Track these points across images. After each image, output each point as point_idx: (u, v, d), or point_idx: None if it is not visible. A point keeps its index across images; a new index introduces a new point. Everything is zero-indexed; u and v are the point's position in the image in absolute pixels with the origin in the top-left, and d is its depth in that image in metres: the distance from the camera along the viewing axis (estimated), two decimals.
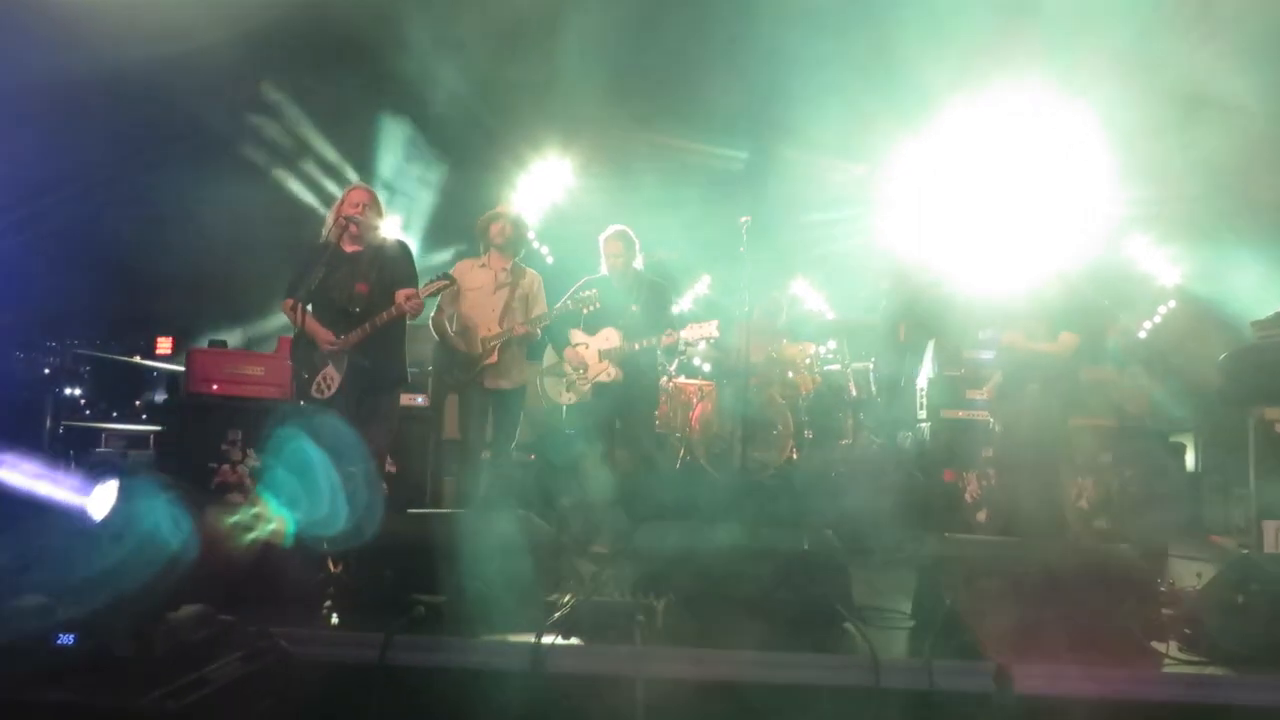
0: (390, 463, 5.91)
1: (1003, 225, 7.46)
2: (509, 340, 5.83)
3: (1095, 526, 6.19)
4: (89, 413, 10.28)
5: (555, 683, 3.21)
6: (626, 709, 3.03)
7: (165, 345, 10.56)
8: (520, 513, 4.41)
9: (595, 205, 9.37)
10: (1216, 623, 3.69)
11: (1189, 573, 4.70)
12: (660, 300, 6.28)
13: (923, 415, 7.26)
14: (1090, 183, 7.85)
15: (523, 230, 6.23)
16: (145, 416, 10.41)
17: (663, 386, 7.72)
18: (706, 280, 12.83)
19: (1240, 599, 3.68)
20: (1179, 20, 6.37)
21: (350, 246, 5.29)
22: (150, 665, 2.63)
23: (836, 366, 8.50)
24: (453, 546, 3.73)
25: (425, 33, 7.32)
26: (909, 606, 4.08)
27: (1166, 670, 3.44)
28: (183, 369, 7.12)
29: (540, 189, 10.00)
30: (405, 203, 9.56)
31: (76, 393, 10.30)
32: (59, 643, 2.68)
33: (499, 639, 3.42)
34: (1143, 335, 11.32)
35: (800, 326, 9.17)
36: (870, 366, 8.37)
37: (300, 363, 5.22)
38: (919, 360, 7.56)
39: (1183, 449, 7.93)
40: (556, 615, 3.49)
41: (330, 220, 5.31)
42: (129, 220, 9.19)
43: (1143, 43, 6.42)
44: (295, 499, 4.10)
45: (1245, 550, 5.74)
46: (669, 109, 8.93)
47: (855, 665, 3.29)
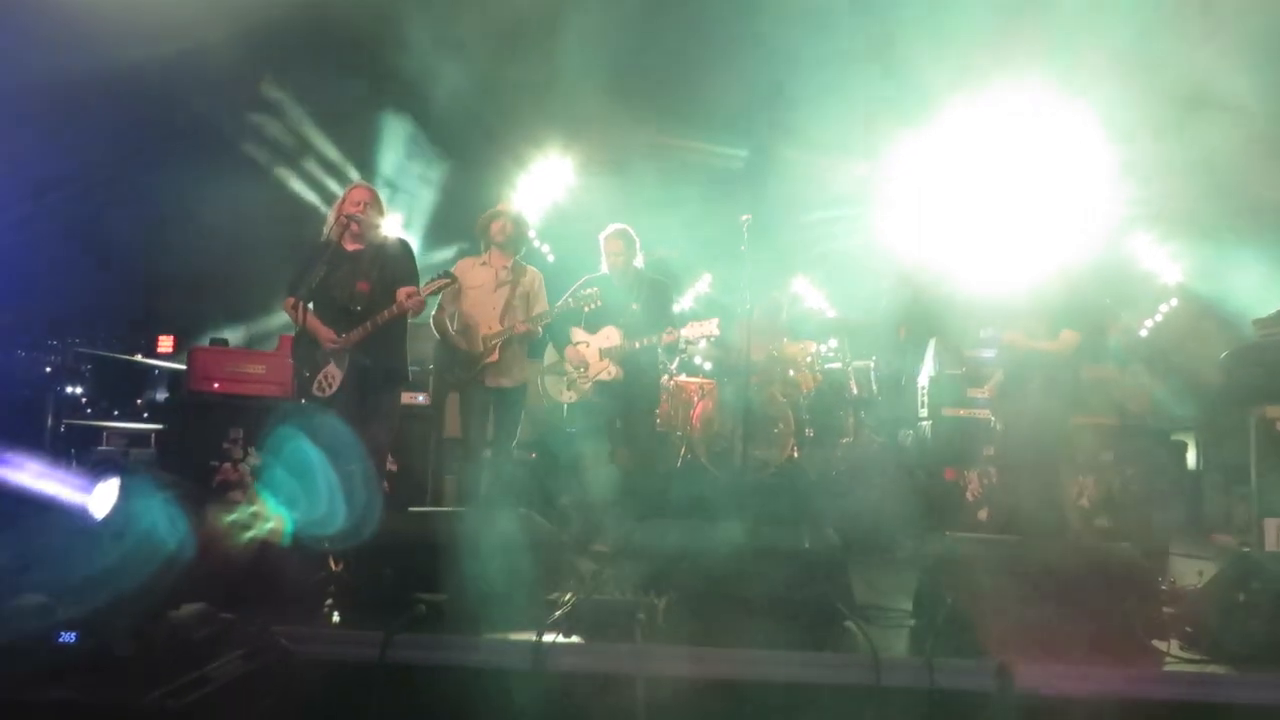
0: (391, 461, 5.91)
1: (1004, 223, 7.45)
2: (510, 338, 5.82)
3: (1096, 525, 6.19)
4: (90, 411, 10.29)
5: (556, 681, 3.21)
6: (627, 707, 3.04)
7: (166, 343, 10.57)
8: (521, 511, 4.42)
9: (596, 204, 9.37)
10: (1218, 621, 3.69)
11: (1190, 571, 4.71)
12: (661, 298, 6.27)
13: (924, 413, 7.26)
14: (1091, 181, 7.84)
15: (523, 228, 6.22)
16: (146, 415, 10.43)
17: (664, 385, 7.72)
18: (707, 278, 12.84)
19: (1241, 597, 3.68)
20: (1179, 19, 6.36)
21: (351, 245, 5.29)
22: (151, 664, 2.63)
23: (837, 365, 8.50)
24: (453, 545, 3.73)
25: (426, 31, 7.32)
26: (910, 605, 4.08)
27: (1168, 669, 3.44)
28: (184, 367, 7.13)
29: (541, 187, 10.01)
30: (406, 201, 9.56)
31: (78, 391, 10.31)
32: (60, 641, 2.68)
33: (500, 637, 3.42)
34: (1144, 333, 11.32)
35: (801, 325, 9.18)
36: (871, 365, 8.37)
37: (301, 361, 5.22)
38: (920, 358, 7.56)
39: (1184, 447, 7.93)
40: (557, 614, 3.50)
41: (331, 218, 5.31)
42: (130, 219, 9.19)
43: (1143, 41, 6.41)
44: (293, 498, 4.10)
45: (1246, 548, 5.74)
46: (669, 107, 8.92)
47: (856, 663, 3.29)
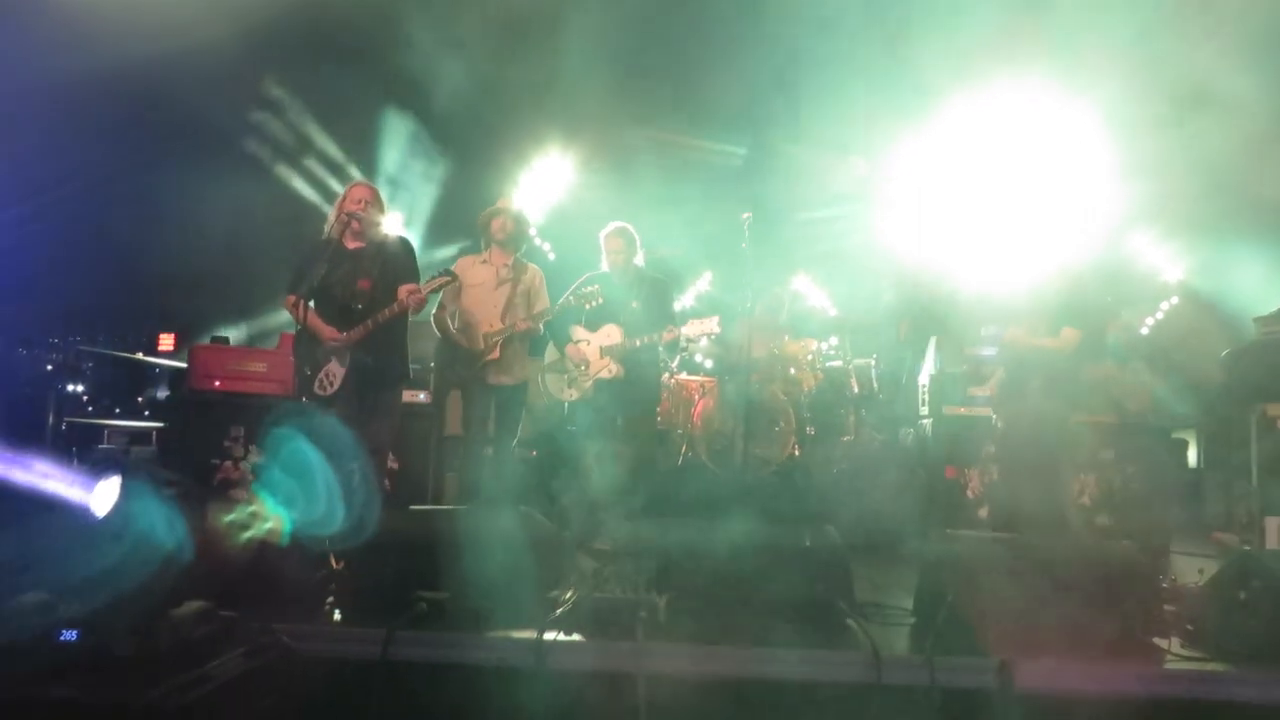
0: (392, 459, 5.91)
1: (1005, 221, 7.44)
2: (511, 336, 5.82)
3: (1097, 523, 6.18)
4: (91, 409, 10.30)
5: (557, 679, 3.20)
6: (629, 705, 3.04)
7: (167, 341, 10.58)
8: (522, 509, 4.42)
9: (597, 202, 9.37)
10: (1218, 619, 3.69)
11: (1191, 569, 4.70)
12: (661, 297, 6.27)
13: (925, 411, 7.26)
14: (1092, 179, 7.83)
15: (524, 226, 6.21)
16: (148, 413, 10.43)
17: (665, 383, 7.72)
18: (708, 277, 12.86)
19: (1242, 595, 3.68)
20: (1180, 17, 6.35)
21: (352, 243, 5.29)
22: (152, 662, 2.63)
23: (838, 363, 8.50)
24: (455, 543, 3.73)
25: (427, 29, 7.32)
26: (911, 603, 4.08)
27: (1168, 667, 3.44)
28: (185, 365, 7.12)
29: (542, 185, 10.00)
30: (407, 199, 9.56)
31: (79, 389, 10.31)
32: (61, 639, 2.69)
33: (501, 635, 3.42)
34: (1145, 331, 11.30)
35: (802, 323, 9.18)
36: (872, 363, 8.37)
37: (303, 359, 5.22)
38: (921, 356, 7.55)
39: (1185, 446, 7.94)
40: (558, 611, 3.50)
41: (332, 217, 5.30)
42: (131, 217, 9.19)
43: (1144, 39, 6.40)
44: (292, 498, 4.10)
45: (1247, 547, 5.74)
46: (670, 105, 8.93)
47: (857, 661, 3.29)
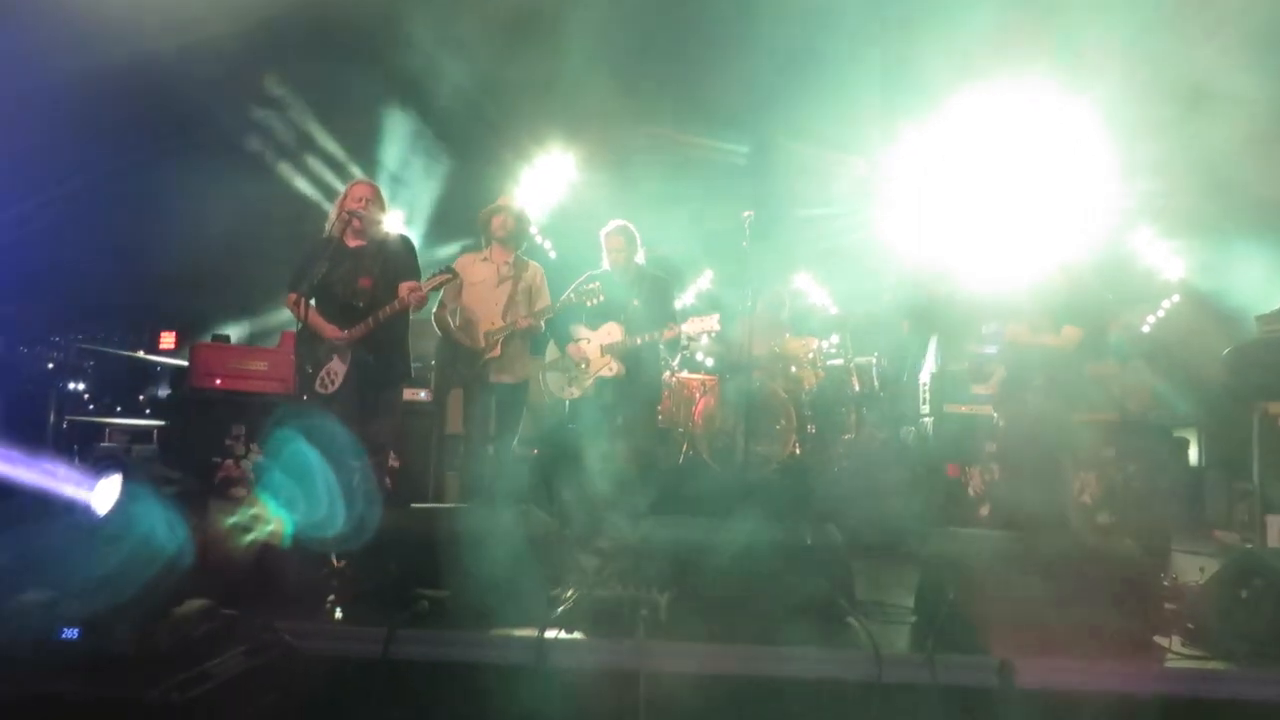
0: (393, 457, 5.91)
1: (1006, 219, 7.44)
2: (512, 334, 5.82)
3: (1098, 521, 6.17)
4: (93, 407, 10.30)
5: (558, 677, 3.21)
6: (629, 703, 3.04)
7: (169, 340, 10.56)
8: (523, 507, 4.42)
9: (598, 200, 9.36)
10: (1219, 618, 3.69)
11: (1192, 567, 4.70)
12: (662, 295, 6.28)
13: (926, 410, 7.26)
14: (1094, 177, 7.83)
15: (525, 224, 6.21)
16: (149, 411, 10.44)
17: (665, 381, 7.72)
18: (709, 275, 12.85)
19: (1243, 594, 3.67)
20: (1181, 15, 6.35)
21: (353, 241, 5.29)
22: (154, 660, 2.63)
23: (839, 361, 8.50)
24: (456, 541, 3.74)
25: (428, 27, 7.32)
26: (911, 601, 4.07)
27: (1169, 665, 3.43)
28: (186, 364, 7.13)
29: (543, 183, 10.00)
30: (408, 197, 9.56)
31: (80, 387, 10.32)
32: (63, 637, 2.69)
33: (502, 633, 3.43)
34: (1146, 329, 11.29)
35: (803, 321, 9.18)
36: (874, 361, 8.37)
37: (304, 358, 5.22)
38: (922, 354, 7.55)
39: (1186, 444, 7.93)
40: (559, 610, 3.50)
41: (333, 215, 5.30)
42: (132, 215, 9.19)
43: (1146, 37, 6.40)
44: (293, 500, 4.10)
45: (1248, 545, 5.74)
46: (671, 103, 8.92)
47: (857, 659, 3.29)
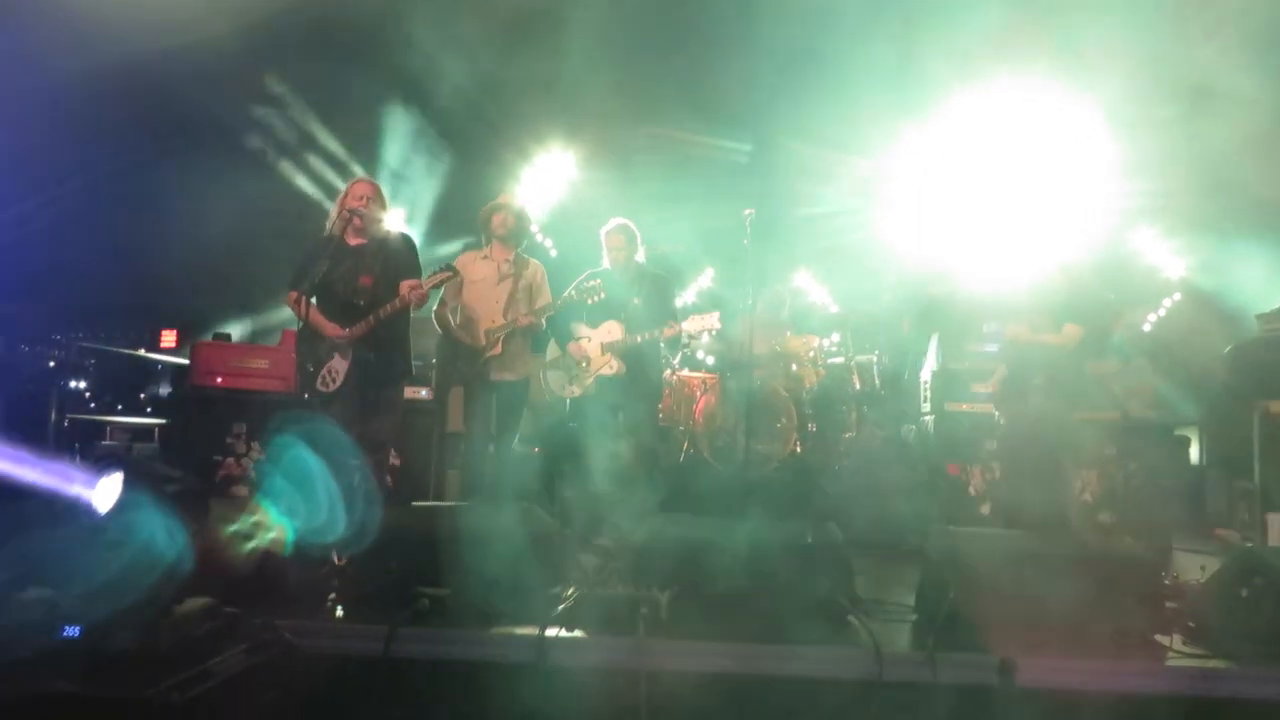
0: (394, 456, 5.91)
1: (1007, 218, 7.44)
2: (513, 332, 5.82)
3: (1099, 520, 6.18)
4: (94, 406, 10.31)
5: (559, 675, 3.21)
6: (630, 701, 3.04)
7: (169, 338, 10.56)
8: (524, 505, 4.42)
9: (599, 198, 9.36)
10: (1220, 616, 3.69)
11: (1193, 566, 4.69)
12: (662, 293, 6.28)
13: (927, 408, 7.26)
14: (1095, 175, 7.83)
15: (525, 221, 6.20)
16: (150, 410, 10.44)
17: (666, 379, 7.72)
18: (710, 273, 12.85)
19: (1244, 592, 3.67)
20: (1182, 14, 6.34)
21: (354, 239, 5.28)
22: (155, 658, 2.63)
23: (840, 359, 8.50)
24: (457, 539, 3.74)
25: (430, 25, 7.31)
26: (912, 599, 4.08)
27: (1170, 664, 3.43)
28: (187, 362, 7.13)
29: (544, 182, 9.99)
30: (409, 195, 9.55)
31: (81, 386, 10.32)
32: (64, 635, 2.69)
33: (503, 631, 3.43)
34: (1147, 328, 11.28)
35: (804, 319, 9.19)
36: (874, 359, 8.37)
37: (305, 356, 5.21)
38: (923, 353, 7.55)
39: (1187, 442, 7.91)
40: (560, 608, 3.51)
41: (334, 213, 5.29)
42: (133, 213, 9.19)
43: (1147, 36, 6.39)
44: (294, 507, 4.09)
45: (1249, 544, 5.73)
46: (672, 102, 8.91)
47: (858, 658, 3.29)
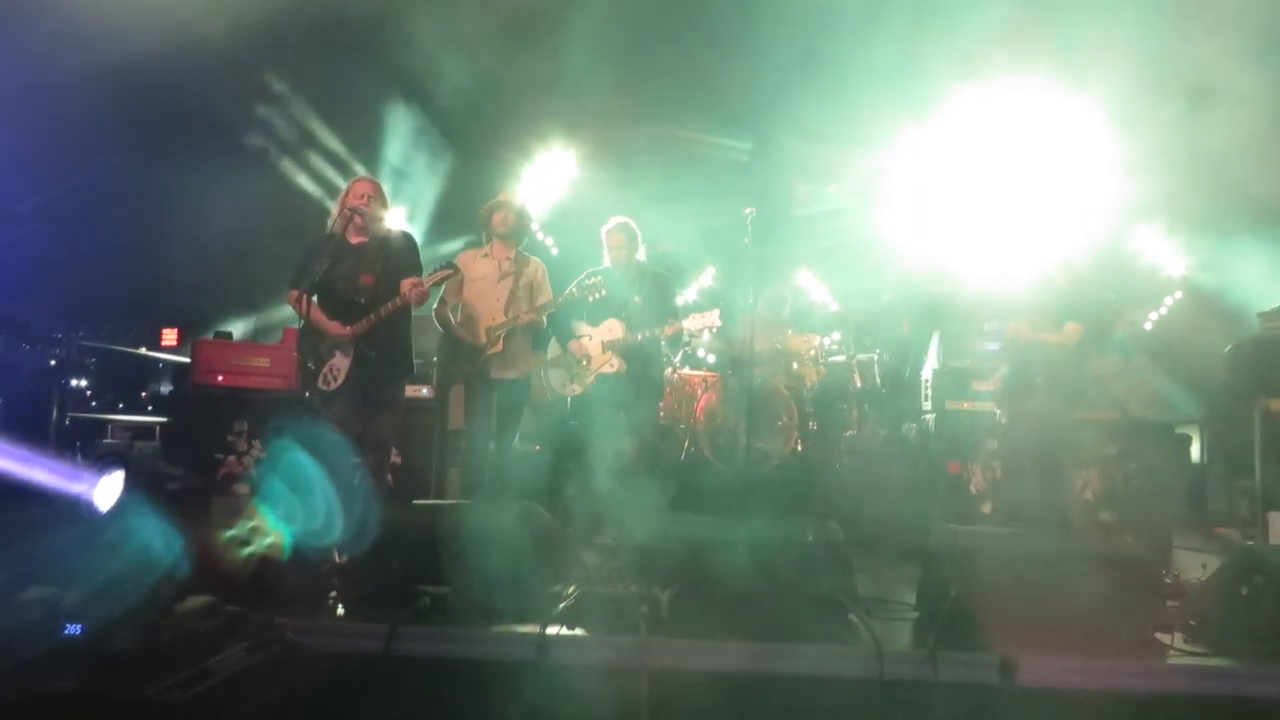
0: (395, 454, 5.91)
1: (1008, 216, 7.44)
2: (514, 330, 5.82)
3: (1100, 519, 6.18)
4: (95, 404, 10.30)
5: (560, 673, 3.21)
6: (631, 699, 3.04)
7: (170, 336, 10.55)
8: (525, 504, 4.42)
9: (600, 197, 9.35)
10: (1221, 615, 3.69)
11: (1194, 564, 4.70)
12: (663, 291, 6.28)
13: (928, 407, 7.26)
14: (1096, 174, 7.82)
15: (525, 219, 6.20)
16: (151, 408, 10.44)
17: (667, 378, 7.72)
18: (711, 272, 12.85)
19: (1245, 590, 3.68)
20: (1184, 12, 6.33)
21: (355, 238, 5.28)
22: (157, 656, 2.64)
23: (841, 358, 8.49)
24: (458, 537, 3.74)
25: (431, 23, 7.31)
26: (913, 598, 4.08)
27: (1171, 662, 3.44)
28: (188, 360, 7.13)
29: (545, 181, 9.98)
30: (411, 194, 9.55)
31: (82, 384, 10.31)
32: (66, 633, 2.69)
33: (504, 630, 3.43)
34: (1148, 327, 11.28)
35: (805, 317, 9.18)
36: (875, 357, 8.37)
37: (306, 354, 5.21)
38: (924, 351, 7.55)
39: (1188, 441, 7.91)
40: (561, 606, 3.51)
41: (335, 211, 5.29)
42: (134, 212, 9.19)
43: (1149, 33, 6.38)
44: (292, 512, 4.08)
45: (1250, 542, 5.74)
46: (673, 100, 8.90)
47: (859, 656, 3.29)
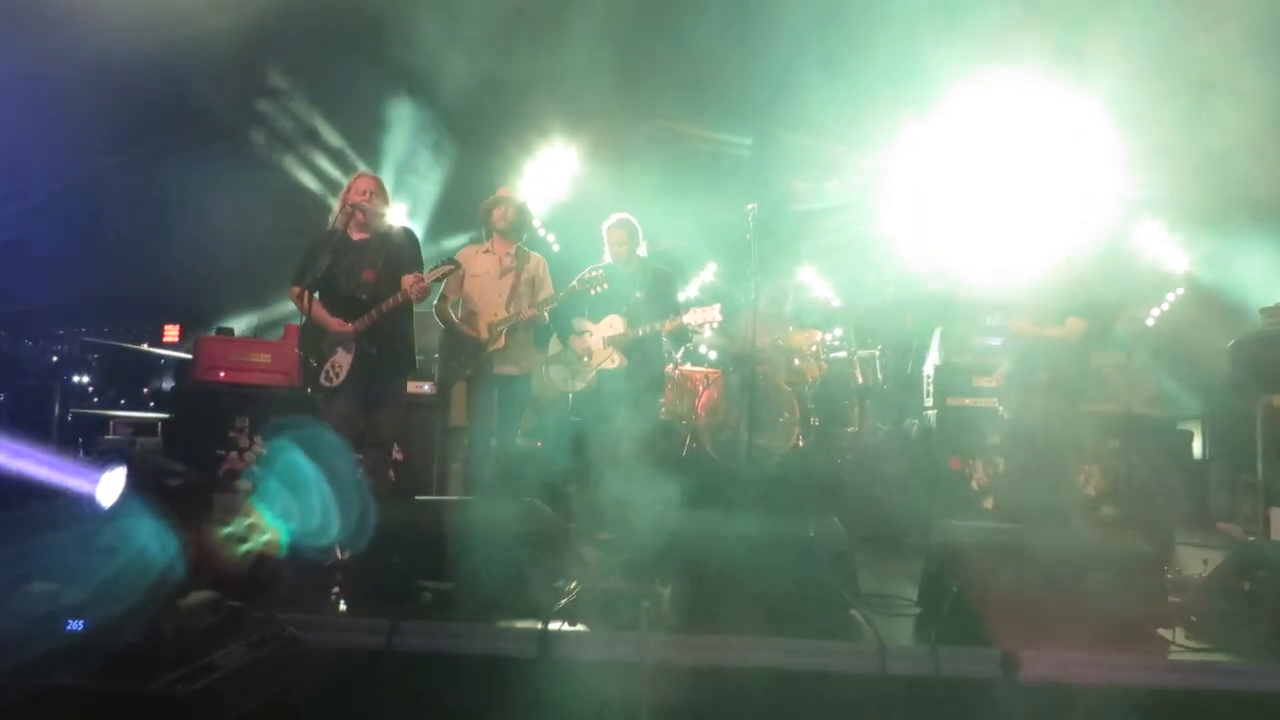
0: (397, 450, 5.92)
1: (1010, 212, 7.43)
2: (516, 325, 5.81)
3: (1102, 514, 6.18)
4: (97, 400, 10.33)
5: (561, 669, 3.22)
6: (632, 695, 3.04)
7: (172, 333, 10.57)
8: (526, 500, 4.43)
9: (602, 193, 9.35)
10: (1223, 610, 3.69)
11: (1196, 560, 4.70)
12: (664, 287, 6.27)
13: (929, 402, 7.25)
14: (1098, 170, 7.81)
15: (526, 215, 6.18)
16: (153, 404, 10.46)
17: (669, 374, 7.71)
18: (712, 268, 12.86)
19: (1246, 586, 3.68)
20: (1187, 6, 6.32)
21: (357, 234, 5.29)
22: (159, 651, 2.64)
23: (843, 354, 8.49)
24: (459, 533, 3.74)
25: (433, 20, 7.30)
26: (915, 593, 4.08)
27: (1172, 657, 3.44)
28: (190, 357, 7.14)
29: (547, 177, 9.98)
30: (412, 190, 9.55)
31: (85, 380, 10.34)
32: (68, 629, 2.70)
33: (505, 625, 3.43)
34: (1151, 322, 11.28)
35: (806, 314, 9.18)
36: (877, 354, 8.36)
37: (308, 350, 5.21)
38: (926, 347, 7.55)
39: (1190, 436, 7.92)
40: (562, 602, 3.51)
41: (337, 208, 5.31)
42: (136, 209, 9.20)
43: (1151, 29, 6.37)
44: (288, 510, 4.08)
45: (1252, 538, 5.73)
46: (675, 96, 8.89)
47: (861, 651, 3.29)
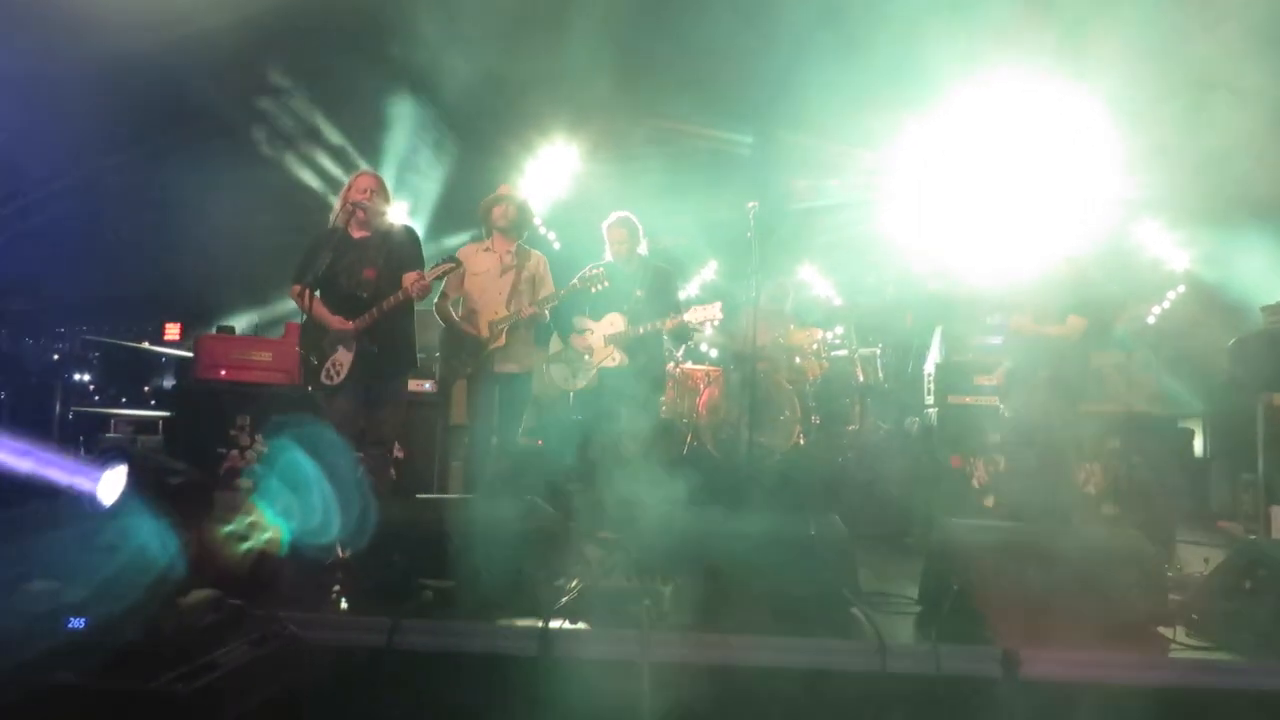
0: (398, 448, 5.93)
1: (1011, 211, 7.43)
2: (517, 323, 5.81)
3: (1103, 512, 6.18)
4: (98, 398, 10.33)
5: (562, 667, 3.22)
6: (633, 693, 3.04)
7: (173, 331, 10.58)
8: (527, 498, 4.43)
9: (602, 191, 9.34)
10: (1223, 608, 3.69)
11: (1196, 558, 4.71)
12: (665, 285, 6.27)
13: (930, 401, 7.25)
14: (1099, 168, 7.80)
15: (526, 213, 6.17)
16: (154, 402, 10.47)
17: (670, 372, 7.72)
18: (713, 266, 12.86)
19: (1247, 584, 3.68)
20: (1188, 5, 6.31)
21: (358, 232, 5.28)
22: (160, 649, 2.64)
23: (844, 352, 8.49)
24: (460, 532, 3.75)
25: (434, 17, 7.29)
26: (916, 591, 4.08)
27: (1173, 655, 3.44)
28: (191, 355, 7.14)
29: (548, 175, 9.97)
30: (413, 188, 9.55)
31: (86, 378, 10.34)
32: (69, 627, 2.70)
33: (506, 623, 3.44)
34: (1151, 321, 11.28)
35: (807, 312, 9.19)
36: (878, 352, 8.37)
37: (309, 348, 5.21)
38: (927, 346, 7.55)
39: (1191, 435, 7.92)
40: (563, 600, 3.51)
41: (338, 206, 5.30)
42: (137, 207, 9.20)
43: (1151, 27, 6.36)
44: (289, 508, 4.08)
45: (1253, 536, 5.73)
46: (676, 94, 8.88)
47: (862, 650, 3.29)
